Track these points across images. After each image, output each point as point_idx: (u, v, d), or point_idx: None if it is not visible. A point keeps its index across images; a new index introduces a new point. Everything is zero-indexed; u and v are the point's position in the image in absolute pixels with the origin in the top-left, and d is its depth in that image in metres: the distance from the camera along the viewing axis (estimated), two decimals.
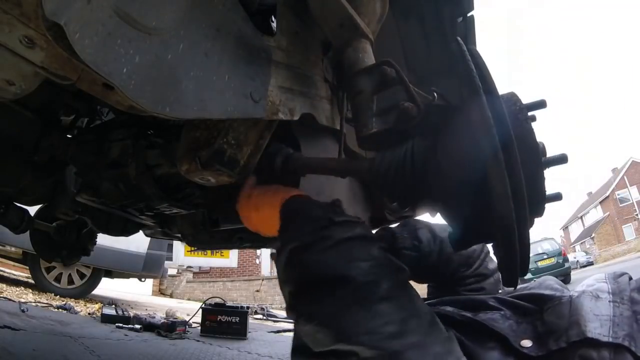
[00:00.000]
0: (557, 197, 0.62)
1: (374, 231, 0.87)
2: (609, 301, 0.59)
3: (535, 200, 0.56)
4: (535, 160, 0.56)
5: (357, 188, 1.24)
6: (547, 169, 0.58)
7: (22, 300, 3.15)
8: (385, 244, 0.64)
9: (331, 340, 0.50)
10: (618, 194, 33.48)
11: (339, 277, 0.52)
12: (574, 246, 37.99)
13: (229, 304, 3.95)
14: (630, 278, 0.64)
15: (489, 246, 0.70)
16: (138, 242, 4.35)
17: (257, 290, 11.32)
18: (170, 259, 8.37)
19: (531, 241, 0.56)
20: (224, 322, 3.51)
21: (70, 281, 4.14)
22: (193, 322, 3.76)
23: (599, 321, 0.55)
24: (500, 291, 0.88)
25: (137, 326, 3.05)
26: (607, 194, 34.19)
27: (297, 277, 0.56)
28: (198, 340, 3.14)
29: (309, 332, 0.53)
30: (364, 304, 0.50)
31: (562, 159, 0.59)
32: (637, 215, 31.35)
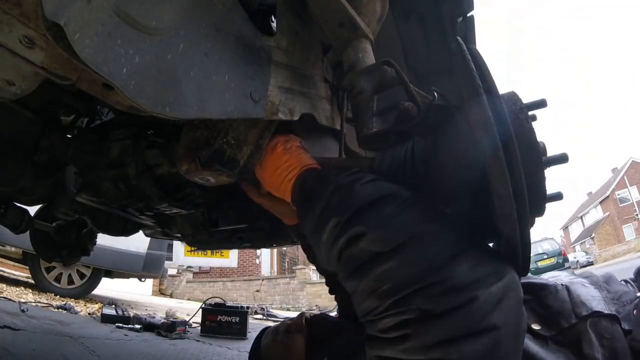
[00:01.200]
0: (557, 196, 0.62)
1: None
2: (594, 287, 0.79)
3: (536, 199, 0.56)
4: (535, 159, 0.56)
5: None
6: (547, 168, 0.58)
7: (22, 300, 3.15)
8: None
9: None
10: (618, 194, 33.47)
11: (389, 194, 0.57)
12: (574, 246, 37.99)
13: (229, 304, 3.95)
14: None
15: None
16: (138, 242, 4.35)
17: (257, 290, 11.33)
18: (170, 259, 8.37)
19: (531, 241, 0.56)
20: (224, 322, 3.51)
21: (70, 281, 4.14)
22: (193, 322, 3.76)
23: (595, 300, 0.74)
24: None
25: (137, 326, 3.05)
26: (607, 194, 34.19)
27: (355, 202, 0.56)
28: (198, 340, 3.14)
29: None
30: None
31: (562, 159, 0.59)
32: (637, 215, 31.35)
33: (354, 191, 0.58)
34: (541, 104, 0.61)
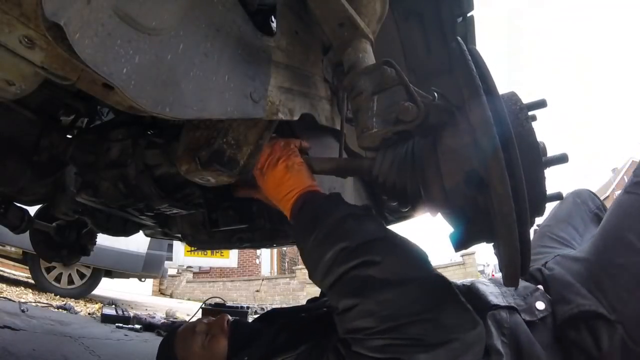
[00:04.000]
0: (557, 196, 0.62)
1: None
2: (494, 285, 0.88)
3: (536, 199, 0.56)
4: (535, 159, 0.56)
5: (361, 188, 1.24)
6: (547, 168, 0.59)
7: (22, 300, 3.15)
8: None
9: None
10: (618, 194, 33.44)
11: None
12: None
13: (229, 304, 3.94)
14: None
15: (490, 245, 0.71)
16: (138, 242, 4.35)
17: (257, 290, 11.33)
18: (170, 259, 8.38)
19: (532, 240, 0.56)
20: None
21: (70, 281, 4.13)
22: None
23: (493, 295, 0.83)
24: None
25: (137, 326, 3.05)
26: (607, 194, 34.18)
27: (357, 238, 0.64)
28: None
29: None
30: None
31: (562, 159, 0.59)
32: None
33: (364, 224, 0.66)
34: (541, 104, 0.61)
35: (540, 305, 0.80)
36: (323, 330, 0.75)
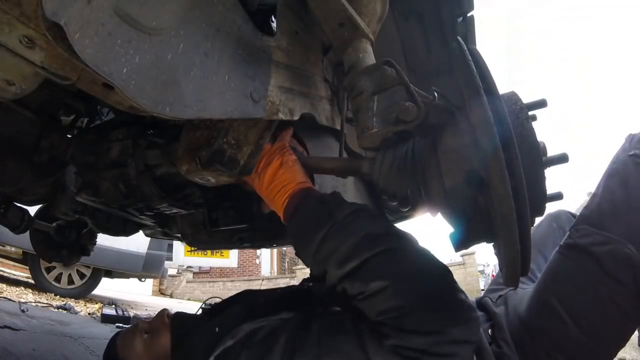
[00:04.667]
0: (557, 196, 0.62)
1: None
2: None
3: (536, 199, 0.56)
4: (536, 159, 0.56)
5: (362, 188, 1.24)
6: (547, 168, 0.59)
7: (22, 300, 3.15)
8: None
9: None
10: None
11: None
12: None
13: None
14: None
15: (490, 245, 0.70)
16: (138, 242, 4.35)
17: None
18: (170, 259, 8.38)
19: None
20: None
21: (70, 281, 4.13)
22: None
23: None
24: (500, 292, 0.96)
25: None
26: None
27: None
28: None
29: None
30: None
31: (562, 159, 0.59)
32: None
33: (377, 218, 0.68)
34: (541, 103, 0.61)
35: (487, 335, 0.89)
36: (304, 301, 0.75)
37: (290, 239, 0.72)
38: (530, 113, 0.60)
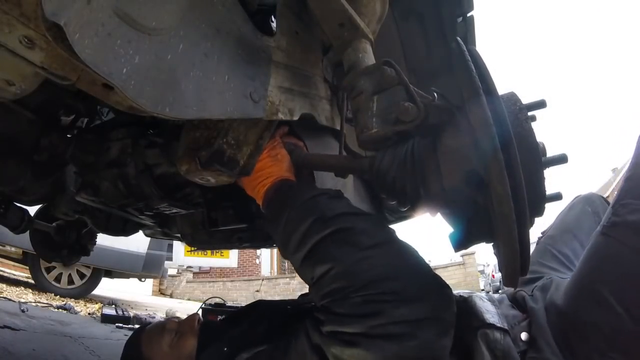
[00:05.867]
0: (557, 196, 0.62)
1: None
2: (491, 303, 0.83)
3: (536, 199, 0.56)
4: (535, 159, 0.56)
5: (362, 188, 1.24)
6: (547, 168, 0.59)
7: (22, 300, 3.15)
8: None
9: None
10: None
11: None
12: None
13: (229, 304, 3.94)
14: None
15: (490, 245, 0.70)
16: (138, 242, 4.35)
17: (257, 290, 11.32)
18: (170, 259, 8.37)
19: (531, 241, 0.56)
20: None
21: (70, 281, 4.13)
22: None
23: (489, 314, 0.78)
24: (500, 291, 0.92)
25: (137, 326, 3.05)
26: (607, 194, 34.18)
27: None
28: None
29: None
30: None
31: (562, 159, 0.59)
32: None
33: (335, 201, 0.68)
34: (541, 104, 0.61)
35: (524, 336, 0.76)
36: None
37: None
38: (529, 113, 0.60)
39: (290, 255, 0.66)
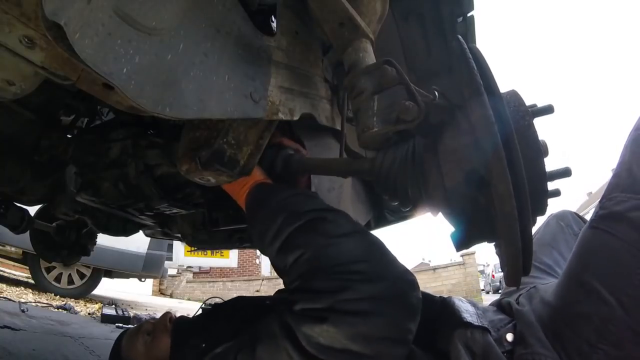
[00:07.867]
0: (555, 193, 0.62)
1: None
2: (470, 305, 0.85)
3: (537, 198, 0.56)
4: (537, 158, 0.56)
5: (361, 189, 1.24)
6: (550, 182, 0.59)
7: (22, 300, 3.15)
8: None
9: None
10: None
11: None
12: None
13: None
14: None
15: (490, 245, 0.70)
16: (138, 242, 4.35)
17: (257, 291, 11.32)
18: (170, 259, 8.37)
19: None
20: None
21: (70, 281, 4.13)
22: None
23: (468, 314, 0.80)
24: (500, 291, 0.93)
25: None
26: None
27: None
28: None
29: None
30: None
31: (565, 173, 0.59)
32: None
33: (310, 198, 0.72)
34: (548, 109, 0.60)
35: (509, 337, 0.77)
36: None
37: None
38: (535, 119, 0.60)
39: (267, 247, 0.68)
